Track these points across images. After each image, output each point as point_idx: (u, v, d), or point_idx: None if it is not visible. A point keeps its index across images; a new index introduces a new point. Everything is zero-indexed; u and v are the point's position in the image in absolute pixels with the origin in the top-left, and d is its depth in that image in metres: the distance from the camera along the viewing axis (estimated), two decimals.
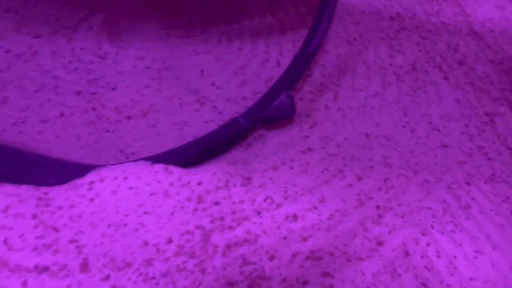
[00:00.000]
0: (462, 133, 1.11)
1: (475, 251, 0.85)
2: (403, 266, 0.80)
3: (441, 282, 0.78)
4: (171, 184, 0.82)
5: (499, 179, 1.01)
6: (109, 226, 0.75)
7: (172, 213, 0.79)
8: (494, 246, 0.86)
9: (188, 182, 0.83)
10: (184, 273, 0.72)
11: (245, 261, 0.76)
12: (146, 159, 0.85)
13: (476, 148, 1.08)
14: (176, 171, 0.84)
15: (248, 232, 0.81)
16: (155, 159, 0.84)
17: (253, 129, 0.99)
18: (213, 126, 0.99)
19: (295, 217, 0.85)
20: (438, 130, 1.11)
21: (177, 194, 0.81)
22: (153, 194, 0.80)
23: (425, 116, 1.14)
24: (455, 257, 0.83)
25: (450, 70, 1.30)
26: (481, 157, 1.06)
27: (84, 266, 0.70)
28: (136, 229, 0.75)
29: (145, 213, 0.77)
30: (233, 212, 0.83)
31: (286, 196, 0.89)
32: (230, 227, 0.81)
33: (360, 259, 0.81)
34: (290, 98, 0.96)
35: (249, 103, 1.05)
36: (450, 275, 0.80)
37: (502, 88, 1.26)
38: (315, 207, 0.88)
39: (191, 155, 0.87)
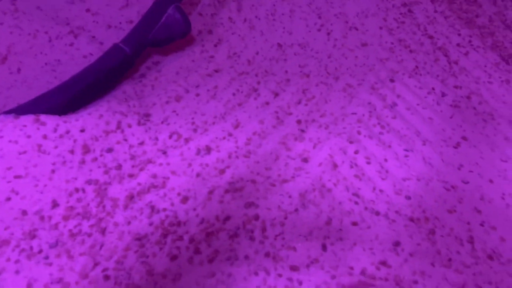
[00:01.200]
0: (380, 28, 1.04)
1: (406, 150, 0.81)
2: (332, 180, 0.74)
3: (374, 188, 0.74)
4: (45, 137, 0.68)
5: (423, 71, 0.96)
6: None
7: (53, 171, 0.66)
8: (424, 141, 0.83)
9: (68, 132, 0.70)
10: (79, 238, 0.61)
11: (153, 210, 0.66)
12: (7, 112, 0.69)
13: (397, 42, 1.02)
14: (50, 120, 0.70)
15: (154, 176, 0.70)
16: (20, 110, 0.69)
17: (142, 55, 0.85)
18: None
19: (208, 149, 0.76)
20: (356, 29, 1.03)
21: (55, 147, 0.68)
22: (23, 152, 0.66)
23: (340, 16, 1.05)
24: (385, 160, 0.79)
25: None
26: (403, 51, 1.00)
27: None
28: (8, 199, 0.62)
29: (17, 177, 0.64)
30: (132, 157, 0.72)
31: (195, 128, 0.78)
32: (130, 175, 0.70)
33: (285, 181, 0.74)
34: (180, 11, 0.82)
35: None
36: (383, 179, 0.76)
37: None
38: (230, 135, 0.79)
39: (66, 98, 0.72)
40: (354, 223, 0.69)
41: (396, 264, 0.64)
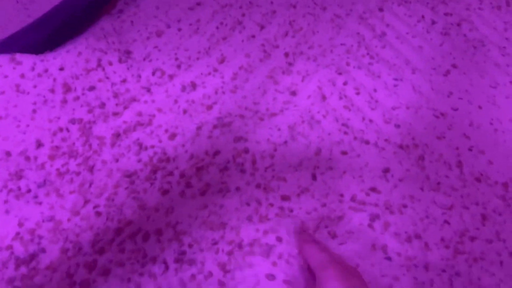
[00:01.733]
0: None
1: (395, 79, 0.80)
2: (321, 111, 0.74)
3: (363, 118, 0.74)
4: (22, 76, 0.66)
5: None
6: None
7: (34, 111, 0.64)
8: (414, 70, 0.82)
9: (46, 70, 0.67)
10: (67, 177, 0.61)
11: (141, 147, 0.66)
12: None
13: None
14: (26, 59, 0.67)
15: (139, 114, 0.69)
16: None
17: None
18: None
19: (193, 85, 0.74)
20: None
21: (35, 87, 0.66)
22: (1, 93, 0.64)
23: None
24: (375, 90, 0.78)
25: None
26: None
27: None
28: None
29: None
30: (115, 96, 0.70)
31: (179, 64, 0.76)
32: (115, 114, 0.69)
33: (274, 115, 0.73)
34: None
35: None
36: (372, 109, 0.75)
37: None
38: (215, 70, 0.77)
39: (42, 36, 0.69)
40: (344, 152, 0.69)
41: (385, 190, 0.66)
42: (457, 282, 0.58)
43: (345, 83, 0.78)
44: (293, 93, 0.76)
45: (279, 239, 0.57)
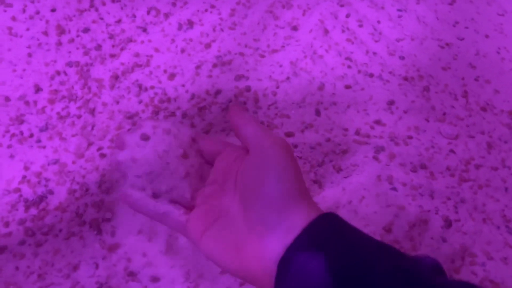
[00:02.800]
0: None
1: (399, 10, 0.78)
2: (323, 46, 0.72)
3: (367, 51, 0.73)
4: (14, 19, 0.64)
5: None
6: None
7: (30, 55, 0.63)
8: (418, 0, 0.79)
9: (38, 12, 0.65)
10: (68, 120, 0.61)
11: (141, 88, 0.65)
12: None
13: None
14: (16, 1, 0.65)
15: (137, 55, 0.68)
16: None
17: None
18: None
19: (190, 23, 0.72)
20: None
21: (27, 29, 0.64)
22: None
23: None
24: (378, 22, 0.76)
25: None
26: None
27: None
28: None
29: None
30: (111, 37, 0.69)
31: (174, 1, 0.74)
32: (112, 55, 0.67)
33: (275, 51, 0.72)
34: None
35: None
36: (376, 41, 0.74)
37: None
38: (212, 6, 0.75)
39: None
40: (348, 87, 0.69)
41: (390, 122, 0.66)
42: (462, 208, 0.59)
43: (347, 16, 0.76)
44: (294, 28, 0.74)
45: None
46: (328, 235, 0.31)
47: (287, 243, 0.31)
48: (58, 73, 0.63)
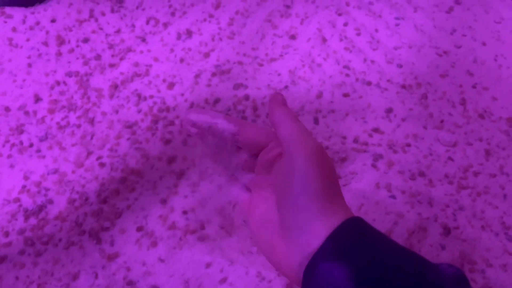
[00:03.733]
0: None
1: (397, 18, 0.79)
2: (321, 54, 0.73)
3: (365, 59, 0.73)
4: (14, 29, 0.65)
5: None
6: None
7: (30, 65, 0.64)
8: (416, 8, 0.80)
9: (38, 23, 0.66)
10: (68, 130, 0.61)
11: (140, 97, 0.66)
12: None
13: None
14: (16, 12, 0.66)
15: (136, 64, 0.69)
16: None
17: None
18: None
19: (189, 33, 0.73)
20: None
21: (28, 40, 0.65)
22: None
23: None
24: (376, 30, 0.77)
25: None
26: None
27: None
28: None
29: None
30: (111, 47, 0.69)
31: (173, 11, 0.75)
32: (111, 65, 0.68)
33: (273, 60, 0.73)
34: None
35: None
36: (373, 50, 0.75)
37: None
38: (211, 16, 0.76)
39: None
40: (346, 95, 0.69)
41: (388, 129, 0.66)
42: (461, 216, 0.59)
43: (345, 24, 0.77)
44: (293, 37, 0.75)
45: None
46: (352, 242, 0.32)
47: (313, 250, 0.32)
48: (58, 83, 0.64)
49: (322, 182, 0.34)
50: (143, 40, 0.71)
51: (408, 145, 0.65)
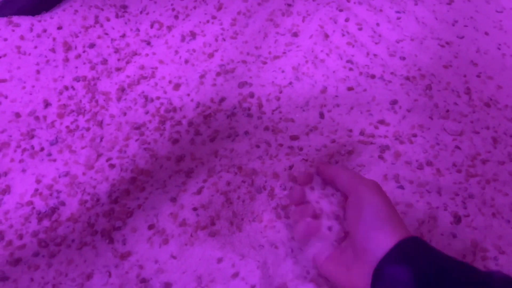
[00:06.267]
0: None
1: (398, 12, 0.78)
2: (324, 50, 0.73)
3: (368, 53, 0.73)
4: (22, 38, 0.66)
5: None
6: None
7: (38, 72, 0.65)
8: (416, 1, 0.80)
9: (45, 30, 0.67)
10: (77, 133, 0.62)
11: (147, 99, 0.66)
12: None
13: None
14: (24, 21, 0.67)
15: (142, 67, 0.69)
16: None
17: None
18: None
19: (193, 35, 0.74)
20: None
21: (35, 47, 0.66)
22: (3, 56, 0.64)
23: None
24: (377, 24, 0.77)
25: None
26: None
27: None
28: None
29: (2, 81, 0.63)
30: (116, 51, 0.70)
31: (176, 14, 0.76)
32: (118, 69, 0.69)
33: (277, 57, 0.73)
34: None
35: None
36: (376, 44, 0.74)
37: None
38: (214, 17, 0.76)
39: None
40: (350, 88, 0.69)
41: (394, 121, 0.66)
42: (471, 204, 0.59)
43: (346, 20, 0.77)
44: (295, 34, 0.75)
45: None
46: (414, 251, 0.39)
47: (380, 258, 0.39)
48: (66, 88, 0.65)
49: (387, 209, 0.42)
50: (148, 43, 0.72)
51: (415, 135, 0.64)
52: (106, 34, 0.71)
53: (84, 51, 0.68)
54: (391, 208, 0.43)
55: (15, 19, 0.67)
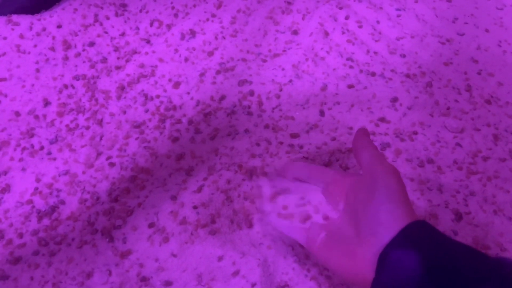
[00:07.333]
0: None
1: (398, 9, 0.78)
2: (324, 48, 0.73)
3: (368, 51, 0.73)
4: (21, 36, 0.65)
5: None
6: None
7: (38, 70, 0.64)
8: None
9: (44, 29, 0.67)
10: (77, 132, 0.62)
11: (147, 98, 0.66)
12: None
13: None
14: (23, 20, 0.67)
15: (142, 66, 0.69)
16: None
17: None
18: None
19: (192, 33, 0.73)
20: None
21: (35, 46, 0.65)
22: (3, 54, 0.64)
23: None
24: (378, 22, 0.76)
25: None
26: None
27: None
28: None
29: (1, 80, 0.63)
30: (116, 49, 0.70)
31: (176, 13, 0.75)
32: (117, 67, 0.68)
33: (277, 55, 0.72)
34: None
35: None
36: (376, 41, 0.74)
37: None
38: (213, 15, 0.76)
39: None
40: (350, 86, 0.69)
41: (395, 118, 0.65)
42: (472, 201, 0.58)
43: (346, 18, 0.76)
44: (295, 32, 0.75)
45: None
46: (420, 235, 0.37)
47: (386, 243, 0.38)
48: (66, 86, 0.64)
49: (402, 196, 0.40)
50: (148, 41, 0.72)
51: (415, 133, 0.64)
52: (106, 32, 0.70)
53: (83, 50, 0.68)
54: (405, 194, 0.41)
55: (15, 17, 0.66)
